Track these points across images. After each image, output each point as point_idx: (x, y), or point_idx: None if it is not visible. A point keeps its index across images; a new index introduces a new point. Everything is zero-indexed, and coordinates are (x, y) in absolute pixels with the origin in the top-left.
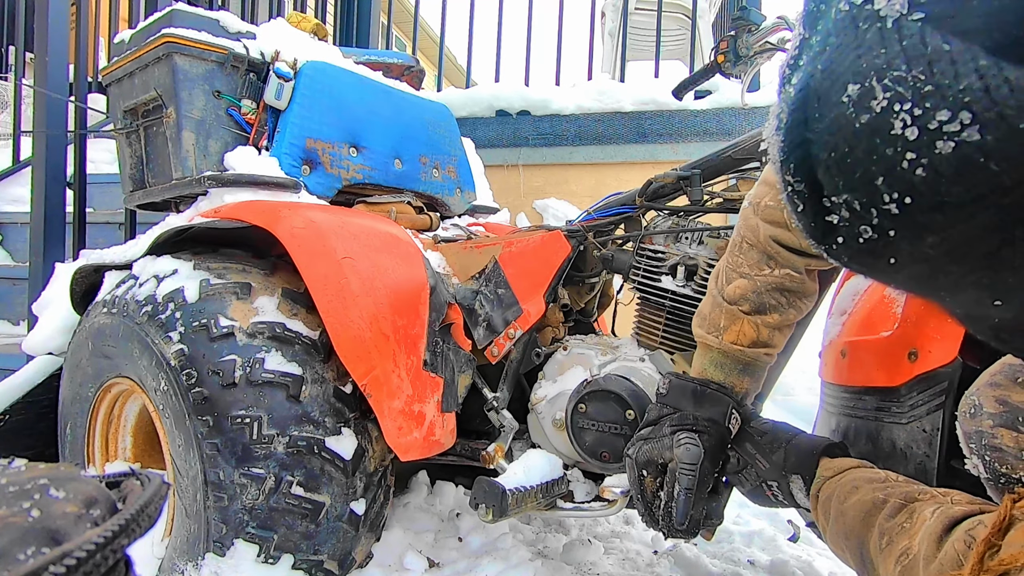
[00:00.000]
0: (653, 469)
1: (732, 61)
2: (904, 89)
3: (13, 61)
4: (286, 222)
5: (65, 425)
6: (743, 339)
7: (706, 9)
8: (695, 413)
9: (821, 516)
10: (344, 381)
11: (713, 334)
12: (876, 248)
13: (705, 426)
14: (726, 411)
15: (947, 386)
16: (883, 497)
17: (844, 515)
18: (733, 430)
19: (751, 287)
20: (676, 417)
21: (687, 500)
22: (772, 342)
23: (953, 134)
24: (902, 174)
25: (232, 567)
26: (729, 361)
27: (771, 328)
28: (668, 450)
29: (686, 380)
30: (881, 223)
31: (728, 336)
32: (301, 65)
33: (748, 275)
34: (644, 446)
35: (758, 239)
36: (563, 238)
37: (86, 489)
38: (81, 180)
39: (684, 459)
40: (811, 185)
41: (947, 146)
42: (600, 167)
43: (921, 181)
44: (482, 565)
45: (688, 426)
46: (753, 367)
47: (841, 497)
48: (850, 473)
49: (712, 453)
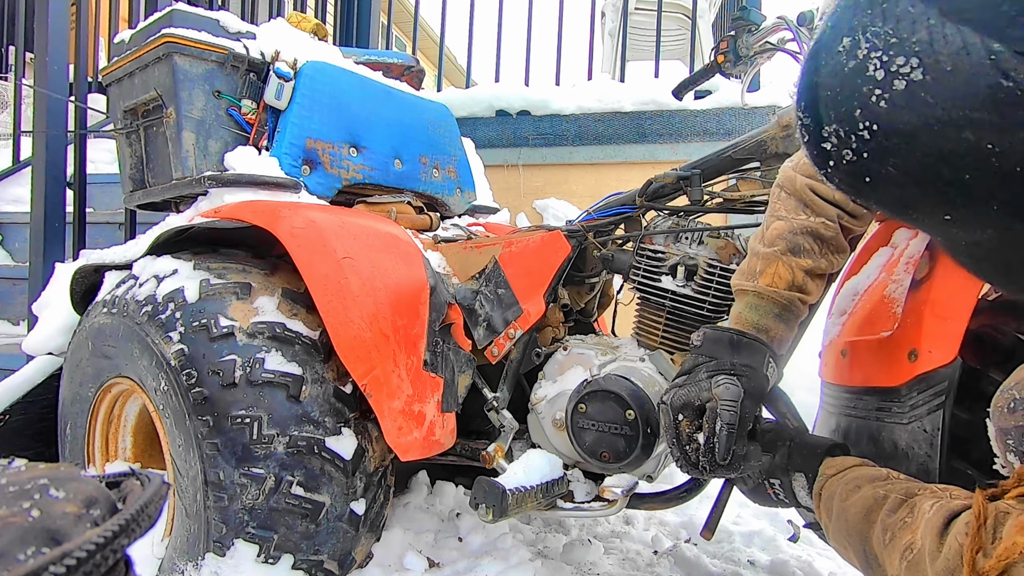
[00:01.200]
0: (690, 411)
1: (732, 61)
2: (879, 40)
3: (13, 61)
4: (286, 222)
5: (65, 425)
6: (778, 281)
7: (706, 9)
8: (732, 360)
9: (824, 514)
10: (344, 381)
11: (750, 280)
12: (855, 168)
13: (744, 370)
14: (763, 359)
15: (947, 386)
16: (884, 493)
17: (846, 512)
18: (771, 380)
19: (787, 227)
20: (712, 364)
21: (730, 435)
22: (806, 288)
23: (905, 74)
24: (872, 106)
25: (232, 567)
26: (764, 303)
27: (804, 272)
28: (707, 391)
29: (721, 330)
30: (858, 146)
31: (764, 279)
32: (301, 65)
33: (785, 217)
34: (680, 391)
35: (795, 187)
36: (563, 238)
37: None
38: (81, 180)
39: (725, 396)
40: (815, 119)
41: (901, 83)
42: (600, 167)
43: (883, 111)
44: (482, 565)
45: (726, 371)
46: (788, 313)
47: (843, 495)
48: (852, 471)
49: (752, 394)
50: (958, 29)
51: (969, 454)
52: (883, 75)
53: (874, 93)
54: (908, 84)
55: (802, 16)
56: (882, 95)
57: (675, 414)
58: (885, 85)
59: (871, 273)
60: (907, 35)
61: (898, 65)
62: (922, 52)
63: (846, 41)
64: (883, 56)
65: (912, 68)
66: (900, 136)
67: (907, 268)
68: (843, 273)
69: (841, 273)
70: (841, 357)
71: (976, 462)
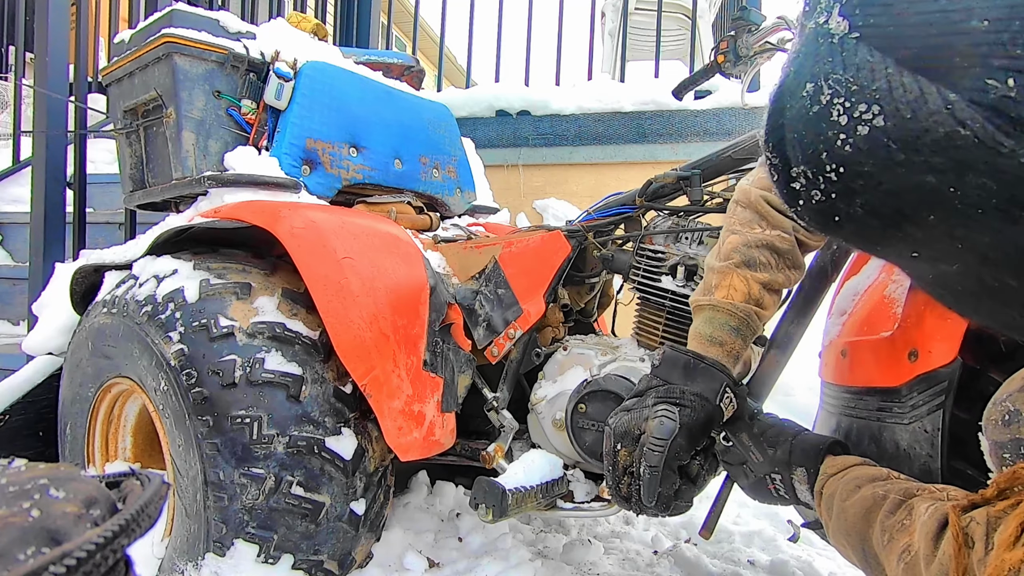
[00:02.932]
0: (628, 441)
1: (732, 61)
2: (840, 87)
3: (13, 61)
4: (286, 222)
5: (65, 425)
6: (734, 294)
7: (706, 9)
8: (683, 387)
9: (824, 512)
10: (344, 381)
11: (706, 295)
12: (824, 208)
13: (691, 401)
14: (719, 389)
15: (947, 386)
16: (883, 494)
17: (845, 512)
18: (726, 411)
19: (742, 241)
20: (663, 389)
21: (652, 478)
22: (763, 302)
23: (868, 120)
24: (837, 150)
25: (232, 567)
26: (721, 316)
27: (760, 285)
28: (645, 421)
29: (680, 352)
30: (826, 187)
31: (719, 292)
32: (301, 65)
33: (739, 231)
34: (623, 417)
35: (750, 200)
36: (563, 238)
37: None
38: (81, 180)
39: (655, 433)
40: (783, 159)
41: (864, 128)
42: (600, 167)
43: (848, 155)
44: (482, 565)
45: (673, 399)
46: (744, 327)
47: (843, 495)
48: (852, 471)
49: (690, 430)
50: (915, 78)
51: (969, 454)
52: (846, 120)
53: (839, 137)
54: (871, 130)
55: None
56: (846, 139)
57: (615, 442)
58: (848, 130)
59: (871, 273)
60: (867, 83)
61: (860, 111)
62: (882, 100)
63: (809, 87)
64: (845, 103)
65: (874, 115)
66: (865, 178)
67: None
68: (843, 273)
69: (841, 273)
70: (841, 357)
71: (976, 462)
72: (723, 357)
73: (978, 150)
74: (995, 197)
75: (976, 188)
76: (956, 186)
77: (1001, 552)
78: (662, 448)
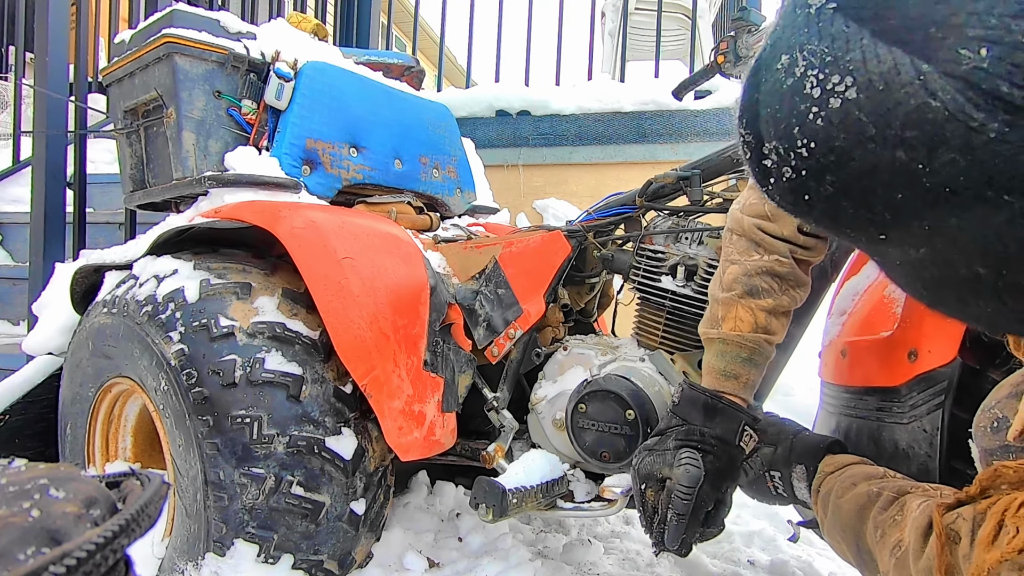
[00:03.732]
0: (654, 483)
1: (732, 61)
2: (815, 59)
3: (13, 61)
4: (286, 222)
5: (65, 425)
6: (741, 325)
7: (706, 9)
8: (703, 428)
9: (820, 509)
10: (344, 381)
11: (714, 328)
12: (794, 186)
13: (712, 445)
14: (738, 428)
15: (946, 386)
16: (877, 491)
17: (840, 509)
18: (746, 449)
19: (741, 271)
20: (683, 431)
21: (679, 525)
22: (770, 328)
23: (840, 92)
24: (809, 124)
25: (232, 567)
26: (731, 349)
27: (766, 312)
28: (668, 467)
29: (698, 391)
30: (797, 164)
31: (727, 325)
32: (301, 65)
33: (738, 260)
34: (647, 458)
35: (743, 229)
36: (563, 238)
37: (86, 489)
38: (81, 180)
39: (682, 481)
40: (756, 136)
41: (836, 101)
42: (600, 167)
43: (820, 129)
44: (482, 565)
45: (694, 443)
46: (756, 356)
47: (839, 492)
48: (850, 469)
49: (715, 475)
50: (889, 50)
51: (968, 454)
52: (819, 93)
53: (811, 111)
54: (843, 102)
55: None
56: (818, 113)
57: (640, 483)
58: (821, 103)
59: (871, 273)
60: (841, 54)
61: (833, 83)
62: (855, 71)
63: (784, 59)
64: (819, 74)
65: (847, 87)
66: (836, 154)
67: None
68: (843, 273)
69: (841, 273)
70: (841, 357)
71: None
72: (739, 390)
73: (949, 124)
74: (964, 175)
75: (946, 165)
76: (926, 163)
77: (981, 552)
78: (690, 496)
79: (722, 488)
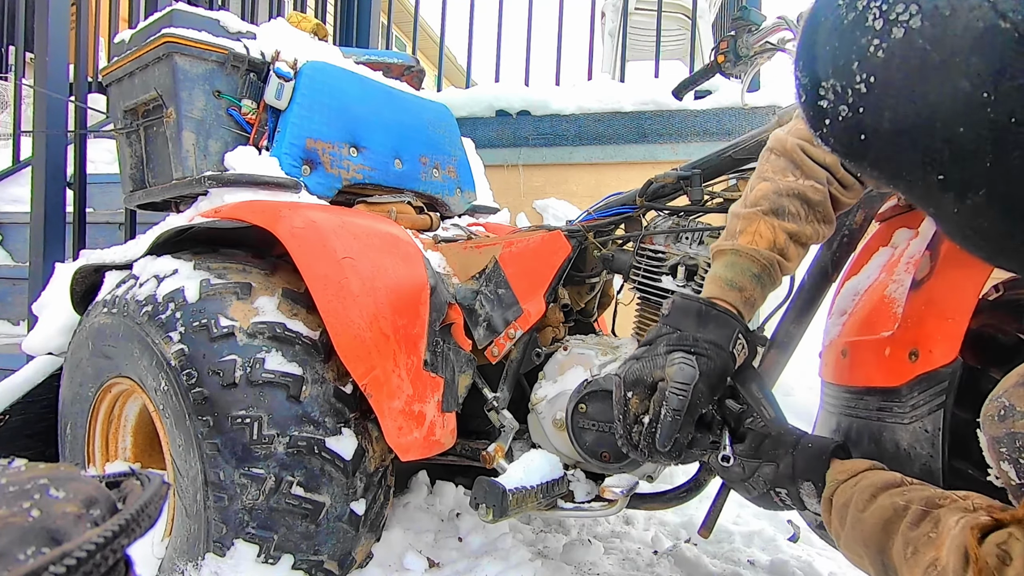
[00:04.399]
0: (641, 389)
1: (732, 61)
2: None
3: (13, 61)
4: (286, 222)
5: (65, 425)
6: (759, 240)
7: (706, 9)
8: (696, 334)
9: (835, 521)
10: (344, 381)
11: (728, 240)
12: (850, 124)
13: (705, 348)
14: (732, 335)
15: (947, 386)
16: (903, 504)
17: (863, 523)
18: (738, 358)
19: (772, 188)
20: (675, 338)
21: (674, 422)
22: (787, 253)
23: (904, 21)
24: (870, 57)
25: (232, 567)
26: (743, 261)
27: (787, 235)
28: (660, 369)
29: (691, 299)
30: (854, 101)
31: (743, 238)
32: (301, 65)
33: (771, 179)
34: (635, 365)
35: (785, 148)
36: (563, 238)
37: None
38: (81, 180)
39: (677, 378)
40: (812, 76)
41: (899, 31)
42: (600, 167)
43: (880, 61)
44: (482, 565)
45: (686, 347)
46: (765, 275)
47: (859, 504)
48: (865, 477)
49: (709, 378)
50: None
51: (970, 454)
52: (882, 24)
53: (872, 43)
54: (906, 32)
55: (802, 16)
56: (880, 44)
57: (626, 390)
58: (883, 34)
59: (871, 273)
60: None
61: (897, 13)
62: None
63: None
64: (882, 5)
65: (911, 15)
66: (896, 88)
67: (908, 268)
68: (843, 273)
69: (842, 273)
70: (841, 357)
71: (977, 462)
72: (740, 303)
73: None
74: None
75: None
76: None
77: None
78: (685, 392)
79: (715, 394)
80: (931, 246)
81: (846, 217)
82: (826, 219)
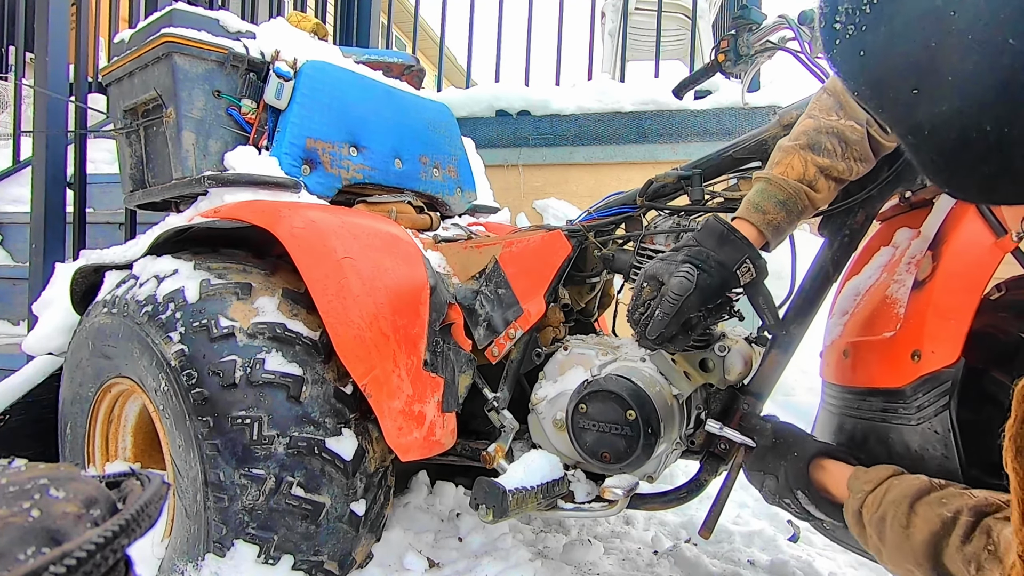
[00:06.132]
0: (653, 284)
1: (732, 60)
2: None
3: (13, 61)
4: (286, 222)
5: (65, 425)
6: (790, 172)
7: (706, 9)
8: (710, 252)
9: (874, 536)
10: (344, 381)
11: (767, 170)
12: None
13: (711, 267)
14: (740, 259)
15: (950, 386)
16: (951, 516)
17: (910, 540)
18: (742, 279)
19: (813, 125)
20: (695, 251)
21: (662, 321)
22: (816, 185)
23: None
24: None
25: (232, 568)
26: (771, 189)
27: (818, 169)
28: (668, 274)
29: (719, 222)
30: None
31: (777, 169)
32: (301, 65)
33: (815, 116)
34: (658, 264)
35: (835, 87)
36: (563, 238)
37: (86, 489)
38: (81, 180)
39: (674, 288)
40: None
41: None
42: (600, 167)
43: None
44: (482, 565)
45: (697, 261)
46: (791, 202)
47: (901, 520)
48: (892, 486)
49: (703, 291)
50: None
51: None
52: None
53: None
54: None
55: (803, 15)
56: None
57: (643, 280)
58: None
59: (873, 273)
60: None
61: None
62: None
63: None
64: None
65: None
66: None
67: (909, 268)
68: (845, 273)
69: (843, 273)
70: (843, 358)
71: (978, 462)
72: (763, 224)
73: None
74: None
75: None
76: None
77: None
78: (676, 302)
79: (708, 304)
80: (933, 246)
81: (847, 217)
82: (863, 158)
